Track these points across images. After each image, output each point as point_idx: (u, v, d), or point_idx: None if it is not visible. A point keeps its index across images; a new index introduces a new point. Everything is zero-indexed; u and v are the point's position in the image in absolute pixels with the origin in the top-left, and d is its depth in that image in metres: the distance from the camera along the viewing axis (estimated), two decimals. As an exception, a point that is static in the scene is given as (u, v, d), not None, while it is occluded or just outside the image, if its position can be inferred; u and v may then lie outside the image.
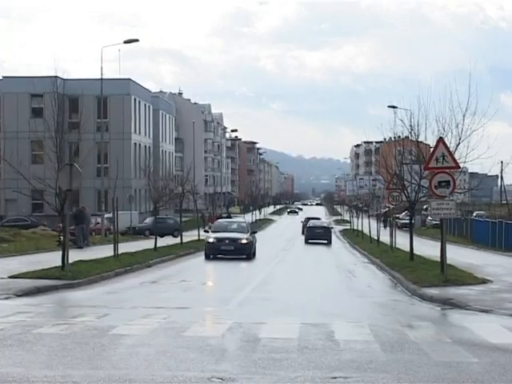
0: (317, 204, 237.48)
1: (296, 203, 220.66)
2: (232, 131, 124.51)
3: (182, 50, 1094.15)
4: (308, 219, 72.32)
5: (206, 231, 37.10)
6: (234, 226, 36.80)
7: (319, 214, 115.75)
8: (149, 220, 57.49)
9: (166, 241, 43.09)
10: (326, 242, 53.46)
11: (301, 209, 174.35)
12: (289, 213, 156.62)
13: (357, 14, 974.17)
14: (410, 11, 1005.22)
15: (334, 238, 59.60)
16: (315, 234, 54.81)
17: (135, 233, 53.98)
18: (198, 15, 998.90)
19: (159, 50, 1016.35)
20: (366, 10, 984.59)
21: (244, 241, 33.30)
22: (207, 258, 32.77)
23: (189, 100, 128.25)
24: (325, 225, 59.16)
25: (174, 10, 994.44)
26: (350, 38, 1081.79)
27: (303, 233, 61.41)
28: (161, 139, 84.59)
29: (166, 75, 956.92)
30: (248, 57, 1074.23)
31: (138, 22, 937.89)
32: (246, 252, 33.08)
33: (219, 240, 33.10)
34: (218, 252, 32.93)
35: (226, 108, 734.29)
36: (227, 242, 32.96)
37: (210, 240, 33.37)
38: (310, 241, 53.86)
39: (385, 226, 44.96)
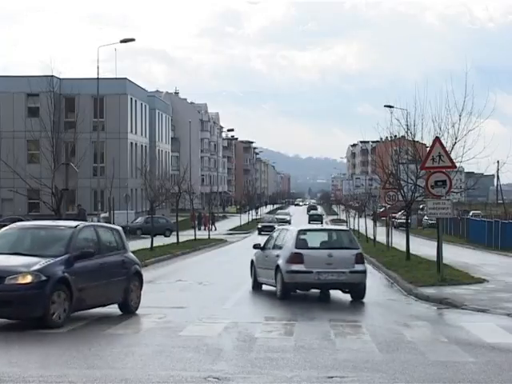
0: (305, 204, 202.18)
1: (279, 211, 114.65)
2: (228, 131, 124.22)
3: (172, 50, 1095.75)
4: (310, 207, 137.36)
5: None
6: (32, 237, 13.86)
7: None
8: (140, 219, 57.70)
9: (161, 240, 43.02)
10: (319, 222, 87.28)
11: (288, 221, 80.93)
12: (261, 231, 65.07)
13: (347, 14, 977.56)
14: (398, 12, 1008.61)
15: None
16: (314, 219, 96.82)
17: (126, 232, 53.73)
18: (187, 15, 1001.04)
19: (149, 51, 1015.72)
20: (356, 10, 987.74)
21: (26, 278, 11.90)
22: None
23: (185, 99, 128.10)
24: (319, 213, 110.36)
25: (163, 10, 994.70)
26: (340, 38, 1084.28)
27: (308, 212, 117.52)
28: (157, 139, 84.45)
29: (156, 75, 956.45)
30: (238, 57, 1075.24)
31: (127, 23, 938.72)
32: (29, 310, 11.88)
33: None
34: None
35: (220, 108, 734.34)
36: None
37: None
38: (311, 222, 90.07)
39: (374, 225, 46.83)
